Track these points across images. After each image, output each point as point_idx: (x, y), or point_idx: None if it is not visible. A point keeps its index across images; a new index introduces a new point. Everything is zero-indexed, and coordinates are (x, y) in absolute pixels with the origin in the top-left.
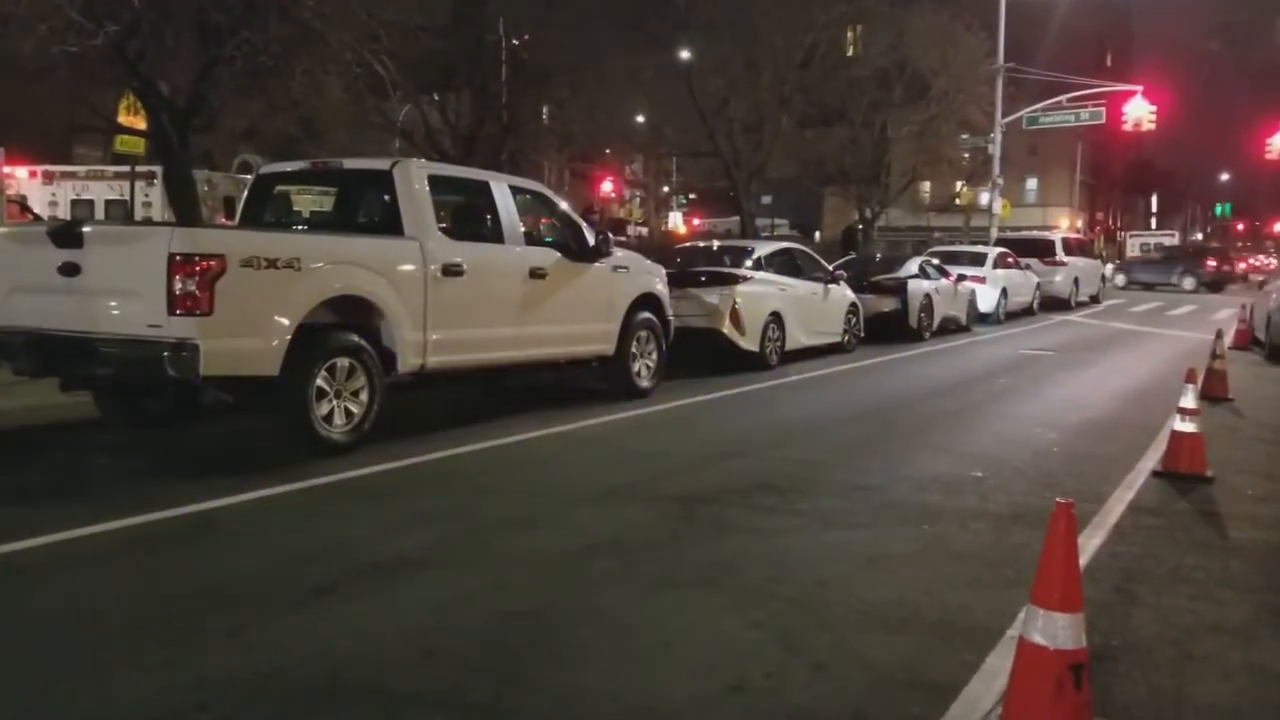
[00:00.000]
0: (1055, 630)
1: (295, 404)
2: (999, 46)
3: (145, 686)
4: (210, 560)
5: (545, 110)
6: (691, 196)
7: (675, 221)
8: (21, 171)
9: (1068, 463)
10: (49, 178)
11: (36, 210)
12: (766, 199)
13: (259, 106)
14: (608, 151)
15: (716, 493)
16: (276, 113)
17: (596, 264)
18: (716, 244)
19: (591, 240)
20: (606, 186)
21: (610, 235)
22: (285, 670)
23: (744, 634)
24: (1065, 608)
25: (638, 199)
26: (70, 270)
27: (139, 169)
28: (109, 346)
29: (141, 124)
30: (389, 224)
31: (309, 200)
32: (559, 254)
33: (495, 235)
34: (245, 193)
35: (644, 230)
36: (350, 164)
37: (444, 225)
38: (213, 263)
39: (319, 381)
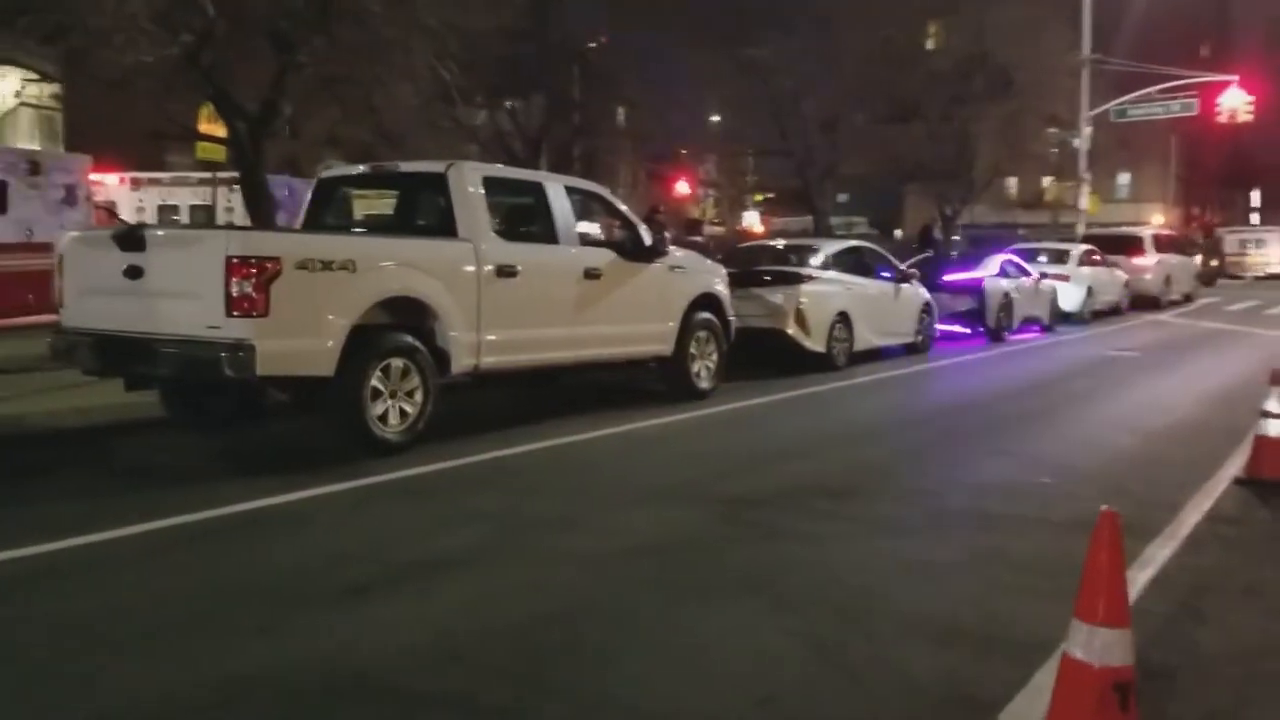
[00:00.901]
0: (1098, 646)
1: (350, 404)
2: (1084, 37)
3: (168, 682)
4: (251, 559)
5: (621, 111)
6: (770, 195)
7: (752, 221)
8: (112, 178)
9: (1143, 468)
10: (136, 184)
11: (123, 216)
12: (843, 197)
13: (334, 113)
14: (684, 152)
15: (769, 496)
16: (351, 119)
17: (653, 264)
18: (782, 243)
19: (648, 240)
20: (682, 187)
21: (666, 235)
22: (308, 668)
23: (779, 643)
24: (1110, 622)
25: (712, 198)
26: (134, 273)
27: (221, 175)
28: (169, 347)
29: (222, 131)
30: (444, 226)
31: (370, 204)
32: (614, 254)
33: (550, 236)
34: (308, 197)
35: (718, 230)
36: (407, 167)
37: (499, 226)
38: (269, 265)
39: (373, 382)
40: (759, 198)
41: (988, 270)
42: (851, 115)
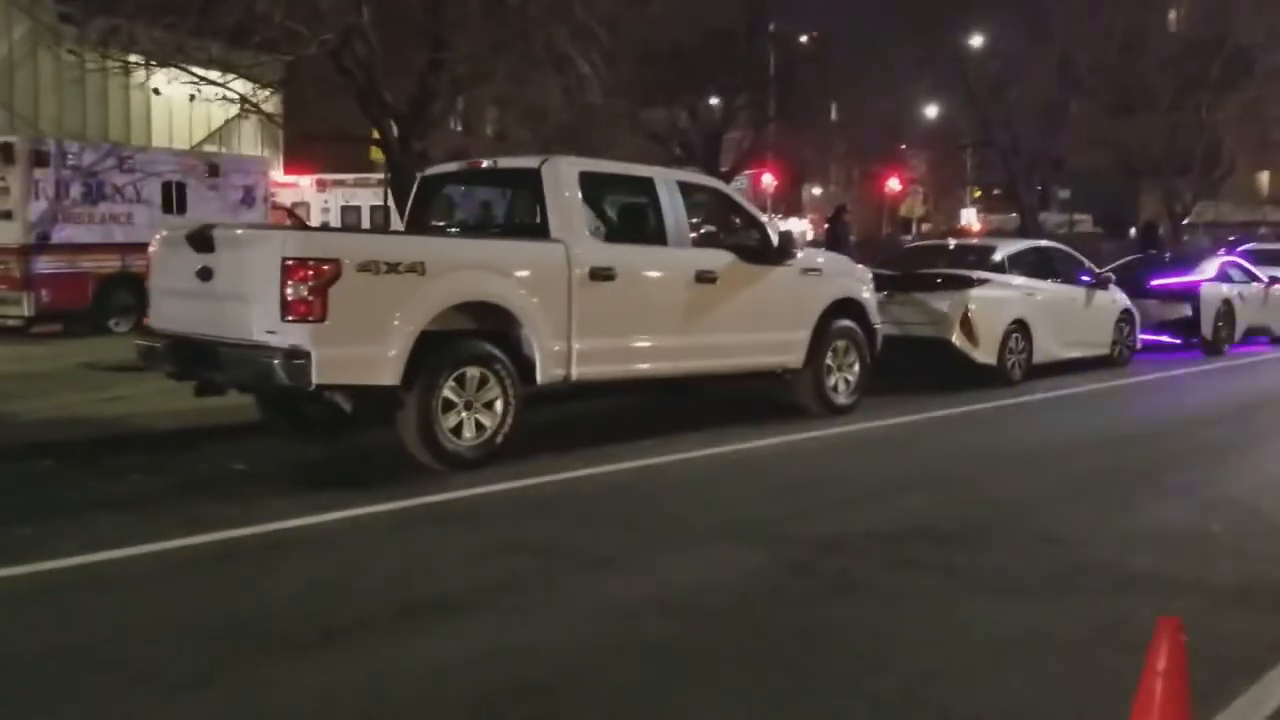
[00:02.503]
0: None
1: (418, 415)
2: None
3: None
4: (243, 590)
5: (831, 108)
6: (996, 192)
7: (969, 218)
8: (306, 180)
9: None
10: (323, 186)
11: (314, 218)
12: (1064, 193)
13: (507, 111)
14: (903, 148)
15: (860, 538)
16: (520, 118)
17: (780, 267)
18: (954, 243)
19: (775, 241)
20: (893, 185)
21: (793, 235)
22: None
23: None
24: None
25: (920, 195)
26: (206, 274)
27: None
28: (230, 351)
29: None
30: (537, 225)
31: (477, 202)
32: (733, 256)
33: (657, 236)
34: (412, 194)
35: (926, 227)
36: (505, 163)
37: (599, 226)
38: (327, 267)
39: (446, 392)
40: (977, 193)
41: (1205, 273)
42: (1066, 102)
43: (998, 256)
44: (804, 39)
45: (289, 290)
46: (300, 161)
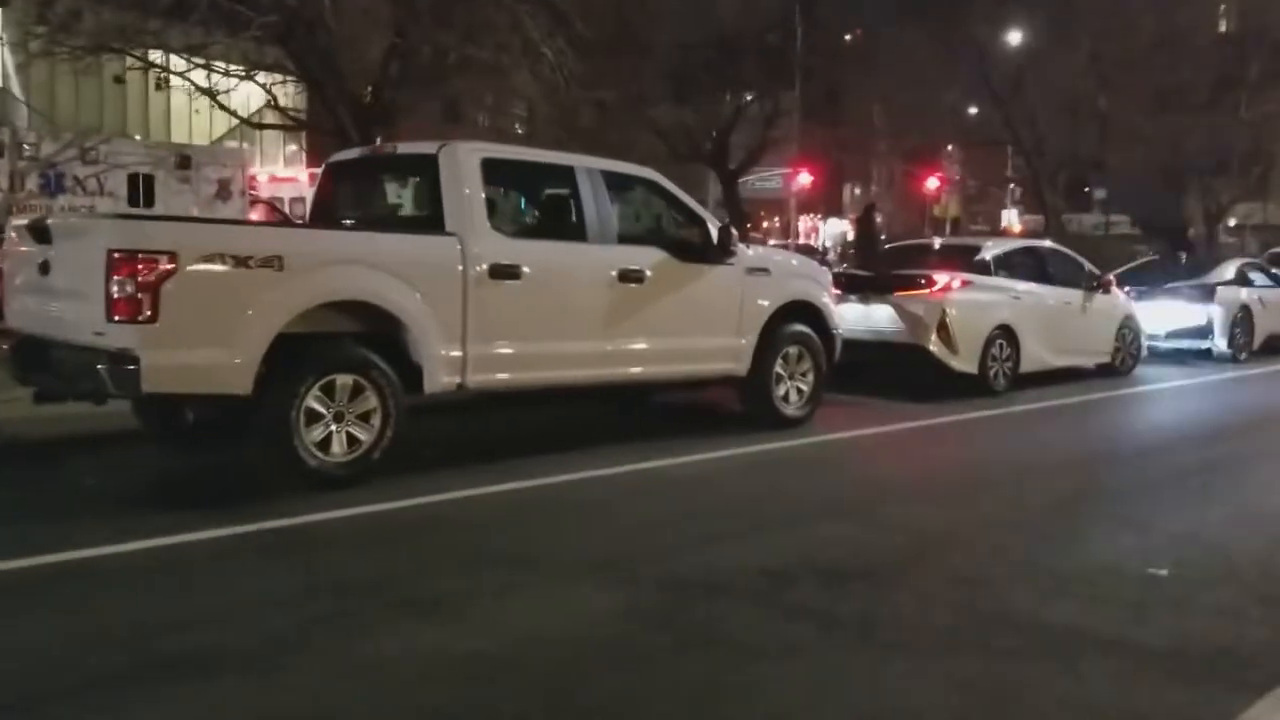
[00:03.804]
0: None
1: (275, 428)
2: None
3: None
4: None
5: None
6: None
7: (1010, 219)
8: (305, 175)
9: None
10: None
11: (286, 212)
12: (1100, 193)
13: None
14: (949, 148)
15: (748, 576)
16: (498, 107)
17: (721, 266)
18: (939, 242)
19: (716, 238)
20: (932, 184)
21: (734, 231)
22: None
23: None
24: None
25: (955, 196)
26: (45, 269)
27: None
28: (61, 353)
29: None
30: (434, 217)
31: (383, 192)
32: (665, 254)
33: (576, 230)
34: (317, 184)
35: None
36: (405, 149)
37: (504, 219)
38: (160, 261)
39: (310, 402)
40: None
41: (1221, 276)
42: (1094, 99)
43: (983, 256)
44: (847, 37)
45: (114, 286)
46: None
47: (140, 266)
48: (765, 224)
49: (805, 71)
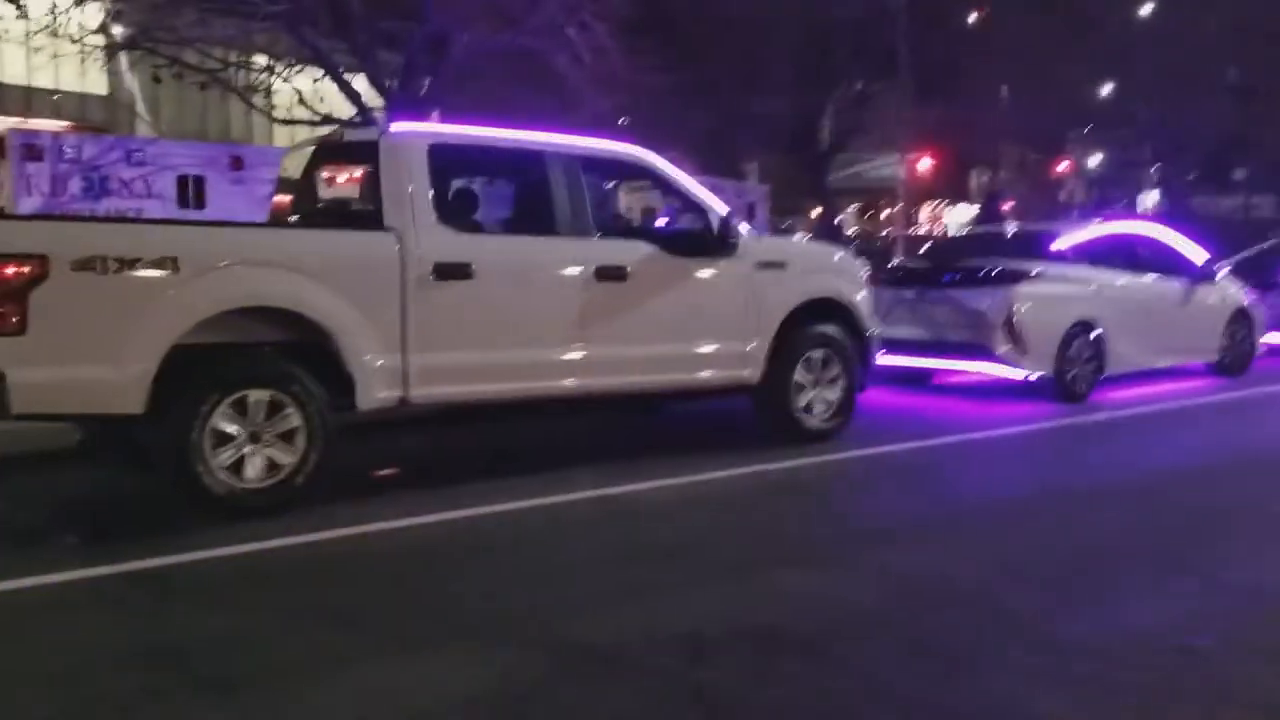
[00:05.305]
0: None
1: (174, 451)
2: None
3: None
4: None
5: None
6: (1191, 176)
7: (1145, 204)
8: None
9: None
10: None
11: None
12: (1240, 173)
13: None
14: (1086, 131)
15: (665, 641)
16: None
17: (724, 259)
18: (1011, 230)
19: (716, 228)
20: (1063, 169)
21: (734, 222)
22: None
23: None
24: None
25: (1082, 181)
26: None
27: None
28: None
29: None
30: (374, 211)
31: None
32: (654, 248)
33: (543, 223)
34: (276, 178)
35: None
36: (352, 136)
37: (454, 212)
38: (27, 267)
39: (217, 421)
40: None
41: None
42: (1222, 72)
43: (1059, 244)
44: (971, 18)
45: None
46: None
47: (7, 272)
48: (885, 212)
49: (915, 53)
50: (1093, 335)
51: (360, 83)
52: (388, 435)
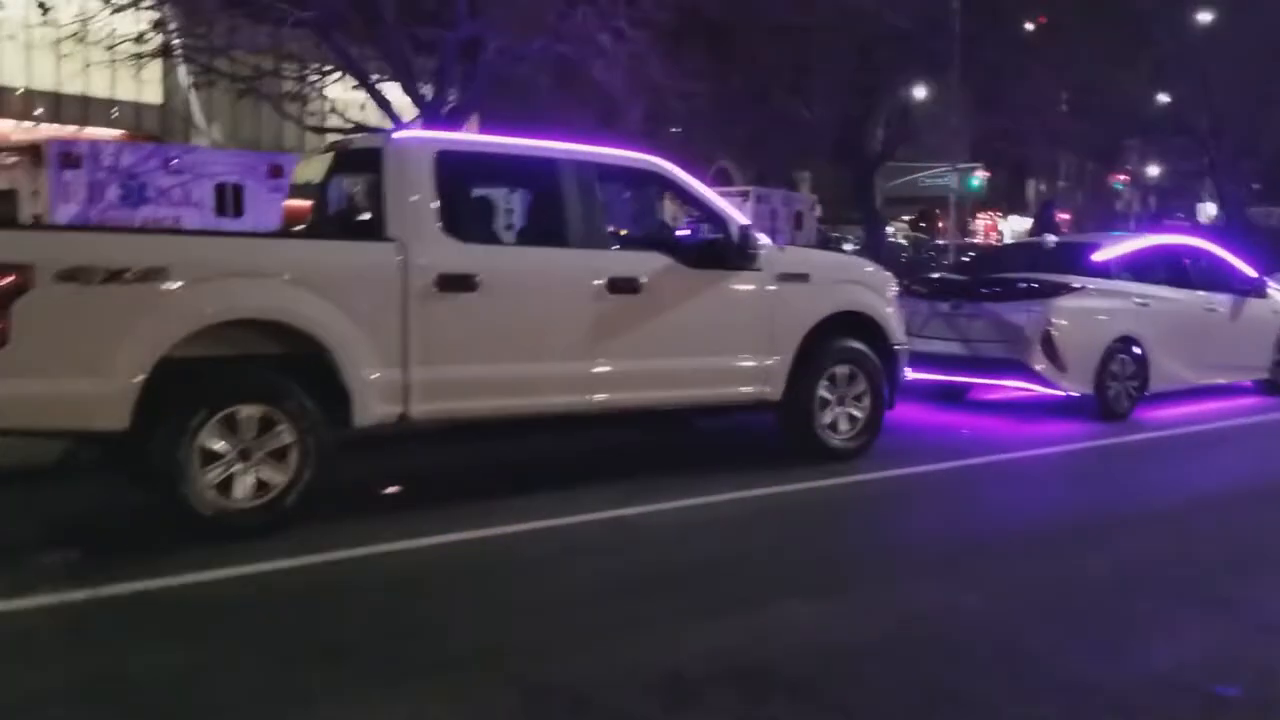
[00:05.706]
0: None
1: (160, 469)
2: None
3: None
4: None
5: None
6: (1254, 186)
7: (1208, 215)
8: None
9: None
10: None
11: None
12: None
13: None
14: (1134, 140)
15: (646, 681)
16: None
17: (743, 271)
18: (1051, 241)
19: (736, 239)
20: (1119, 179)
21: (752, 233)
22: None
23: None
24: None
25: (1131, 189)
26: None
27: None
28: None
29: None
30: (378, 220)
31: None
32: (669, 260)
33: (554, 233)
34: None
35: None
36: (360, 144)
37: (461, 222)
38: (9, 277)
39: (206, 438)
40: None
41: None
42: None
43: (1100, 257)
44: (1028, 26)
45: None
46: None
47: None
48: (942, 223)
49: (970, 61)
50: (1135, 351)
51: (394, 91)
52: (396, 450)
